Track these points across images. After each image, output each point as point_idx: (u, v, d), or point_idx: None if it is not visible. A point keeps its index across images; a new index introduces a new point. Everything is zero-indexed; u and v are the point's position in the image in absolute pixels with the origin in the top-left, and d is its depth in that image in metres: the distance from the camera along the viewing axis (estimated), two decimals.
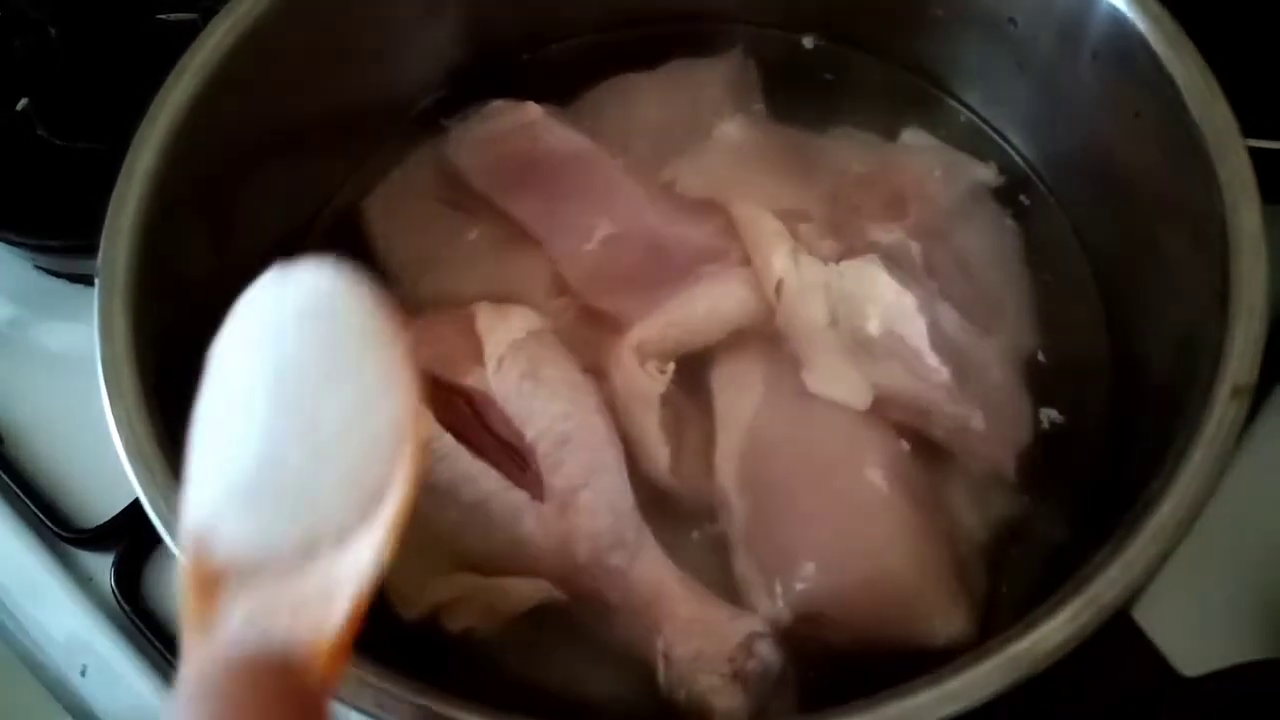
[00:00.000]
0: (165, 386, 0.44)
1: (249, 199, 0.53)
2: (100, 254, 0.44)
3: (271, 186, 0.55)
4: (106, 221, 0.45)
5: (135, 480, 0.41)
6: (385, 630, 0.46)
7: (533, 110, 0.59)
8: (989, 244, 0.57)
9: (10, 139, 0.67)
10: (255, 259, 0.54)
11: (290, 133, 0.55)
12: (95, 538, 0.60)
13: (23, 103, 0.68)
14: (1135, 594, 0.38)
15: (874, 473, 0.49)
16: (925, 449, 0.51)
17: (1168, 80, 0.47)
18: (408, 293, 0.56)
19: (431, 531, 0.49)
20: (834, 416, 0.51)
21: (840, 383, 0.51)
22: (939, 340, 0.51)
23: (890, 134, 0.60)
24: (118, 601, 0.59)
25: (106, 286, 0.44)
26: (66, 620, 0.59)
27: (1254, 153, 0.45)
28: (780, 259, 0.53)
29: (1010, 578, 0.49)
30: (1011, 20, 0.56)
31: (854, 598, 0.47)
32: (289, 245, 0.58)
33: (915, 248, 0.55)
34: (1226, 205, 0.44)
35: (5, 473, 0.62)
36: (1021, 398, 0.53)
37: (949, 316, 0.53)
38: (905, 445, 0.51)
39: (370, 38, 0.57)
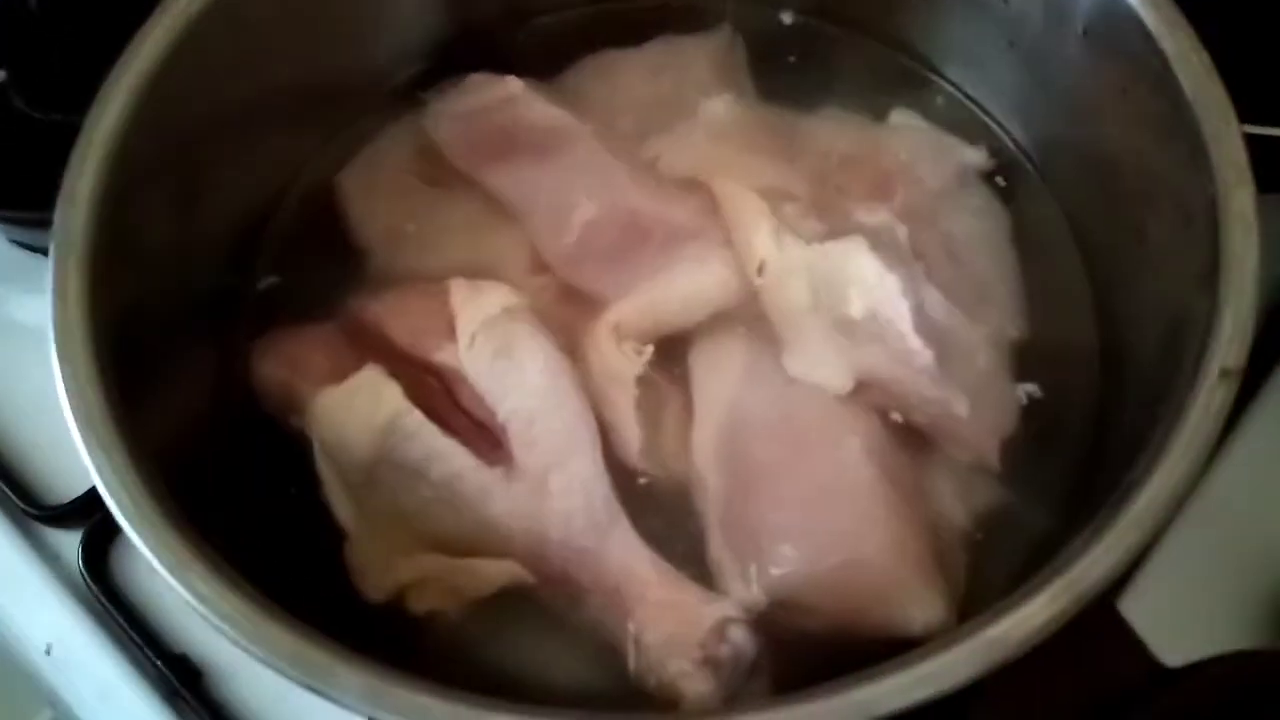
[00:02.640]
0: (121, 355, 0.43)
1: (216, 168, 0.52)
2: (56, 217, 0.43)
3: (241, 156, 0.53)
4: (63, 184, 0.44)
5: (82, 447, 0.39)
6: (348, 612, 0.45)
7: (514, 85, 0.57)
8: (977, 227, 0.56)
9: None
10: (221, 230, 0.55)
11: (261, 102, 0.54)
12: (62, 515, 0.59)
13: (0, 75, 0.67)
14: (1116, 580, 0.37)
15: (854, 457, 0.48)
16: (907, 435, 0.50)
17: (1159, 56, 0.45)
18: (382, 268, 0.55)
19: (399, 510, 0.48)
20: (814, 400, 0.50)
21: (821, 366, 0.50)
22: (923, 324, 0.50)
23: (879, 115, 0.59)
24: (85, 580, 0.58)
25: (61, 251, 0.42)
26: (32, 598, 0.58)
27: (1250, 139, 0.44)
28: (762, 239, 0.52)
29: (992, 566, 0.48)
30: None
31: (830, 583, 0.46)
32: (258, 217, 0.57)
33: (901, 230, 0.54)
34: (1218, 185, 0.43)
35: None
36: (1007, 384, 0.52)
37: (935, 300, 0.51)
38: (886, 430, 0.50)
39: (347, 6, 0.56)
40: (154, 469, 0.41)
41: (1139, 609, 0.42)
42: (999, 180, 0.57)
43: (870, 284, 0.50)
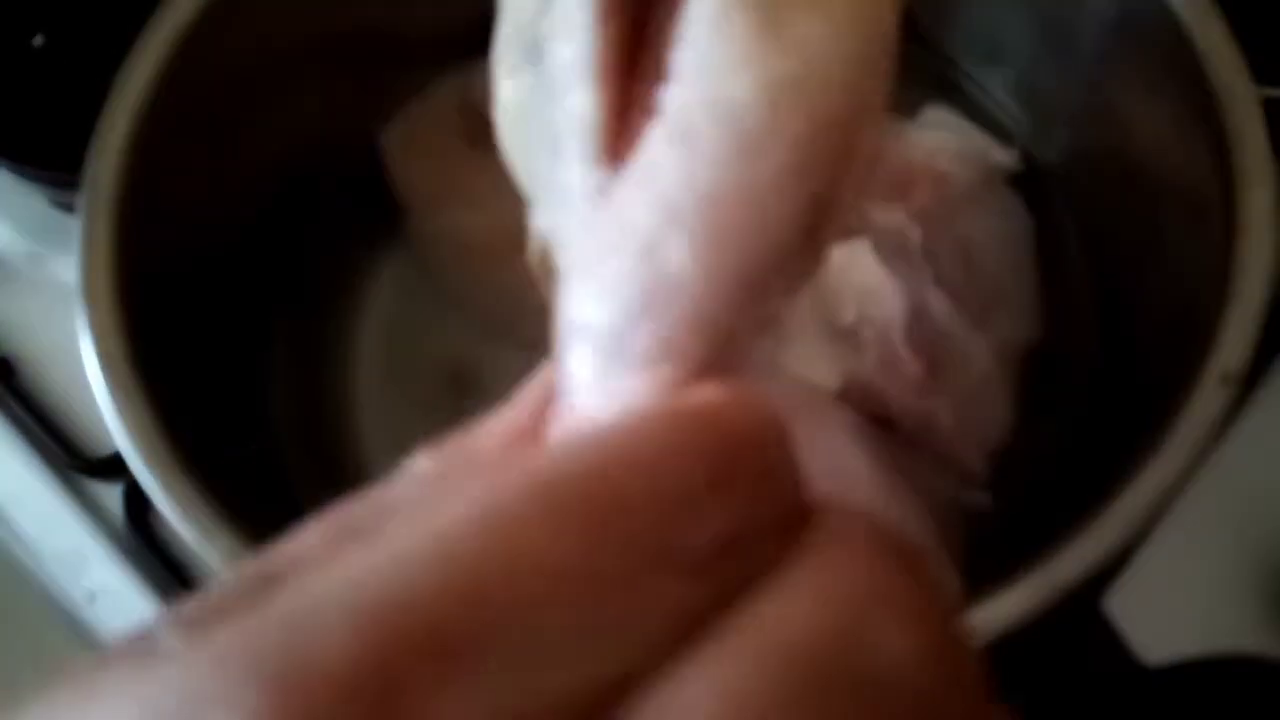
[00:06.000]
0: (151, 309, 0.44)
1: (252, 124, 0.52)
2: (86, 170, 0.44)
3: (278, 112, 0.53)
4: (95, 136, 0.44)
5: (109, 400, 0.41)
6: None
7: None
8: (997, 232, 0.55)
9: (25, 74, 0.66)
10: (257, 183, 0.54)
11: (302, 54, 0.53)
12: (105, 466, 0.61)
13: (39, 39, 0.68)
14: (1096, 579, 0.37)
15: (840, 437, 0.48)
16: (895, 438, 0.50)
17: (1188, 48, 0.44)
18: (422, 227, 0.56)
19: None
20: (804, 389, 0.50)
21: (813, 364, 0.50)
22: (921, 330, 0.49)
23: (913, 111, 0.58)
24: (128, 530, 0.59)
25: (91, 203, 0.43)
26: (76, 549, 0.60)
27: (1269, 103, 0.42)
28: None
29: (975, 573, 0.47)
30: None
31: None
32: (295, 171, 0.56)
33: (915, 231, 0.53)
34: (1237, 183, 0.41)
35: (19, 403, 0.63)
36: (1002, 396, 0.51)
37: (939, 306, 0.51)
38: (873, 428, 0.49)
39: None
40: (182, 431, 0.41)
41: (1129, 607, 0.41)
42: (1033, 184, 0.56)
43: (869, 288, 0.50)
